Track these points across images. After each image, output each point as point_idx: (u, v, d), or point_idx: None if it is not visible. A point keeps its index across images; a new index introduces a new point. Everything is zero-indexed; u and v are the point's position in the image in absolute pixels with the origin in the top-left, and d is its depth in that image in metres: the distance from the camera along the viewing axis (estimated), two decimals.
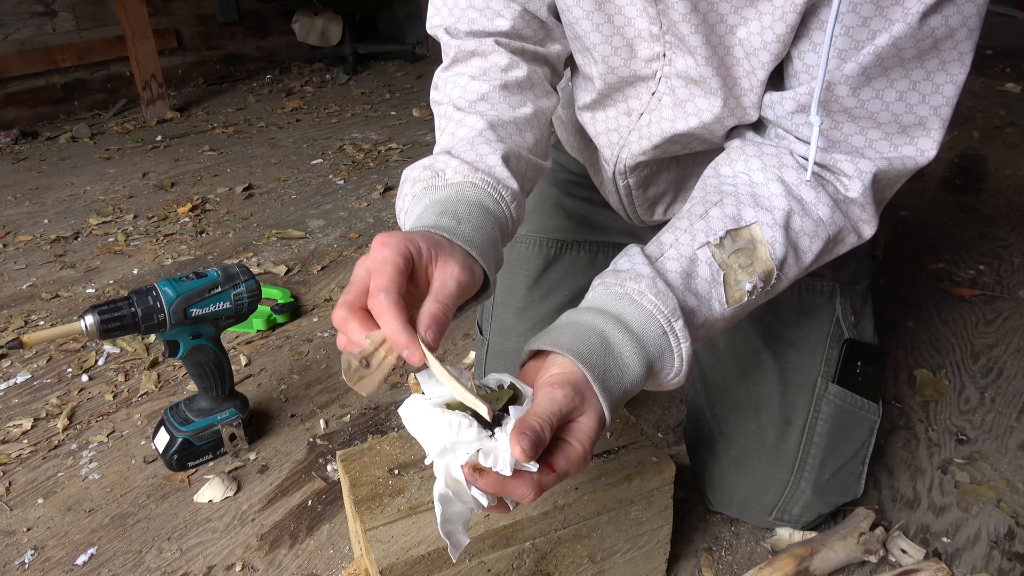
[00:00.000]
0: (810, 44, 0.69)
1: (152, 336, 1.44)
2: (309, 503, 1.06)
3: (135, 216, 2.06)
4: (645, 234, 1.02)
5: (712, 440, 0.98)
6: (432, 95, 0.86)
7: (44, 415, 1.25)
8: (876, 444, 0.98)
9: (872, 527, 0.94)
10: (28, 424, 1.23)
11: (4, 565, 0.97)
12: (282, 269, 1.73)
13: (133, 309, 0.98)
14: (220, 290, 1.04)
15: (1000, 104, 2.76)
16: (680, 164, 0.94)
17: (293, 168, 2.39)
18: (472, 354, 1.38)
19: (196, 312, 1.02)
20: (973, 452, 1.12)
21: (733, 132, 0.81)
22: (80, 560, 0.97)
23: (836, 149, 0.71)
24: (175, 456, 1.10)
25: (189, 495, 1.07)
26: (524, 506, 0.74)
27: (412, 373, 0.58)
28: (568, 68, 0.96)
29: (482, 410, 0.53)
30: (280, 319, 1.50)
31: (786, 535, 0.96)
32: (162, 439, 1.12)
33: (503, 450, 0.53)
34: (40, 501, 1.07)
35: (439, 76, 0.85)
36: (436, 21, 0.85)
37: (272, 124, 2.86)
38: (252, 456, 1.15)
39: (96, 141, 2.72)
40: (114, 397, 1.30)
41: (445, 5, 0.84)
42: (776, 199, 0.70)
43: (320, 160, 2.46)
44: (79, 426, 1.23)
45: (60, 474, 1.13)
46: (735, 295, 0.68)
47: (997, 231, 1.81)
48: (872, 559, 0.92)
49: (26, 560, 0.98)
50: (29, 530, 1.02)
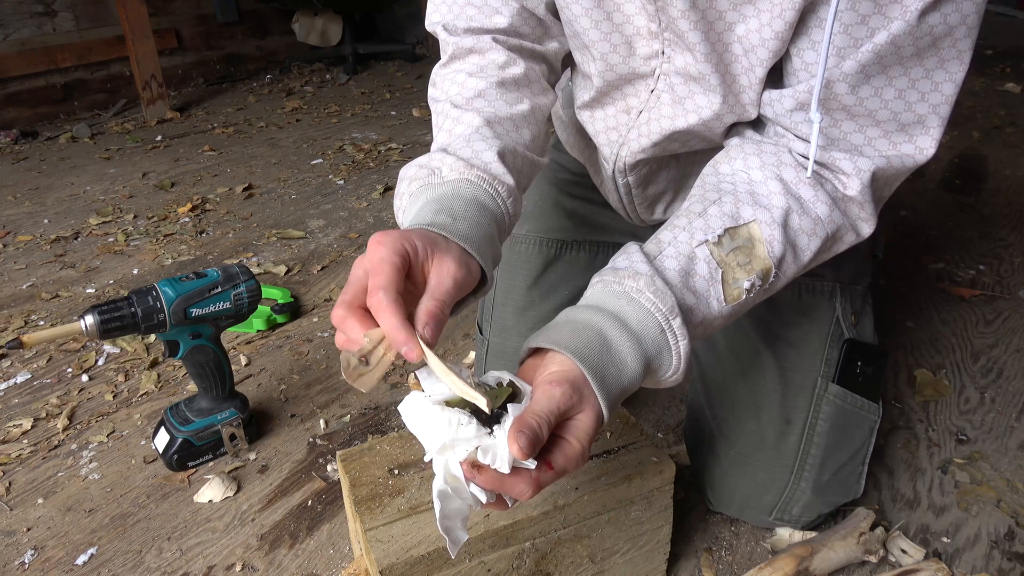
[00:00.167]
0: (809, 42, 0.69)
1: (152, 336, 1.44)
2: (309, 503, 1.06)
3: (135, 216, 2.06)
4: (645, 234, 1.02)
5: (712, 440, 0.98)
6: (430, 92, 0.86)
7: (44, 415, 1.25)
8: (876, 444, 0.98)
9: (872, 527, 0.94)
10: (28, 424, 1.23)
11: (4, 565, 0.97)
12: (282, 269, 1.73)
13: (133, 309, 0.98)
14: (220, 290, 1.04)
15: (1000, 104, 2.76)
16: (680, 163, 0.94)
17: (293, 168, 2.39)
18: (472, 354, 1.38)
19: (196, 312, 1.02)
20: (973, 452, 1.11)
21: (732, 130, 0.81)
22: (80, 560, 0.97)
23: (835, 147, 0.71)
24: (175, 456, 1.10)
25: (189, 495, 1.07)
26: (524, 506, 0.74)
27: (412, 372, 0.58)
28: (568, 68, 0.96)
29: (481, 403, 0.54)
30: (280, 319, 1.50)
31: (786, 535, 0.96)
32: (162, 439, 1.12)
33: (501, 447, 0.53)
34: (40, 501, 1.07)
35: (437, 73, 0.85)
36: (435, 18, 0.85)
37: (272, 124, 2.86)
38: (252, 456, 1.15)
39: (96, 141, 2.72)
40: (114, 397, 1.30)
41: (444, 2, 0.84)
42: (774, 197, 0.70)
43: (320, 160, 2.46)
44: (79, 426, 1.23)
45: (60, 474, 1.13)
46: (733, 293, 0.68)
47: (997, 231, 1.80)
48: (872, 559, 0.92)
49: (26, 560, 0.98)
50: (29, 530, 1.02)
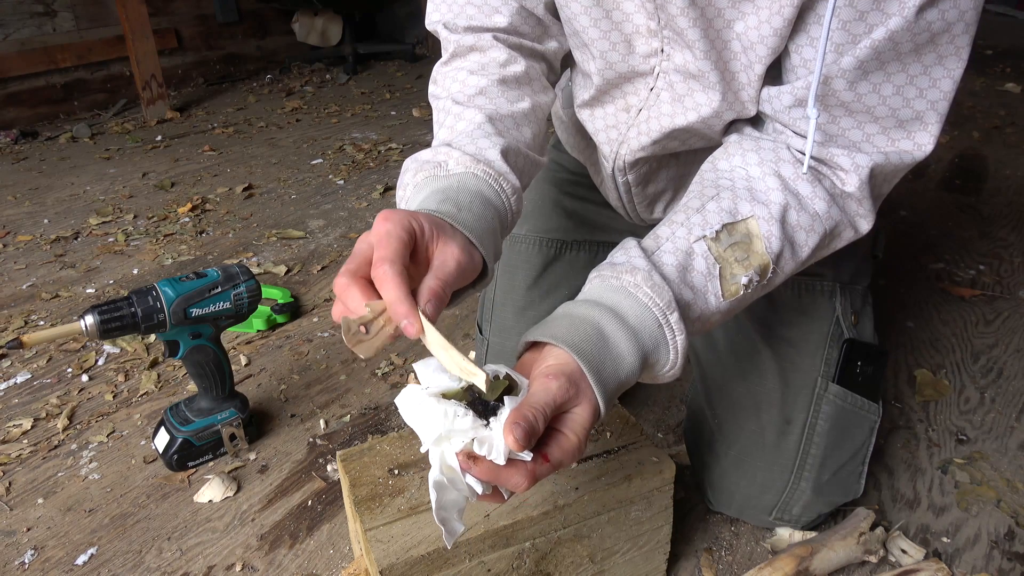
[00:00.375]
0: (807, 38, 0.69)
1: (152, 336, 1.44)
2: (309, 503, 1.06)
3: (135, 216, 2.06)
4: (645, 233, 1.01)
5: (712, 440, 0.98)
6: (431, 89, 0.86)
7: (44, 415, 1.25)
8: (876, 444, 0.98)
9: (872, 527, 0.94)
10: (28, 424, 1.23)
11: (4, 565, 0.97)
12: (282, 269, 1.73)
13: (133, 309, 0.98)
14: (220, 290, 1.04)
15: (1000, 104, 2.76)
16: (679, 161, 0.94)
17: (293, 168, 2.39)
18: (472, 354, 1.38)
19: (196, 312, 1.02)
20: (973, 452, 1.11)
21: (731, 127, 0.81)
22: (80, 560, 0.97)
23: (833, 143, 0.71)
24: (175, 456, 1.10)
25: (189, 495, 1.07)
26: (524, 506, 0.74)
27: (412, 374, 0.58)
28: (568, 68, 0.96)
29: (479, 379, 0.54)
30: (280, 319, 1.50)
31: (786, 535, 0.96)
32: (162, 439, 1.12)
33: (497, 439, 0.53)
34: (40, 501, 1.07)
35: (438, 71, 0.85)
36: (435, 17, 0.85)
37: (272, 124, 2.86)
38: (252, 456, 1.15)
39: (96, 141, 2.72)
40: (114, 397, 1.30)
41: (444, 1, 0.84)
42: (772, 193, 0.70)
43: (320, 160, 2.46)
44: (79, 426, 1.23)
45: (60, 474, 1.13)
46: (731, 289, 0.68)
47: (997, 231, 1.80)
48: (872, 559, 0.92)
49: (26, 560, 0.98)
50: (29, 530, 1.02)
